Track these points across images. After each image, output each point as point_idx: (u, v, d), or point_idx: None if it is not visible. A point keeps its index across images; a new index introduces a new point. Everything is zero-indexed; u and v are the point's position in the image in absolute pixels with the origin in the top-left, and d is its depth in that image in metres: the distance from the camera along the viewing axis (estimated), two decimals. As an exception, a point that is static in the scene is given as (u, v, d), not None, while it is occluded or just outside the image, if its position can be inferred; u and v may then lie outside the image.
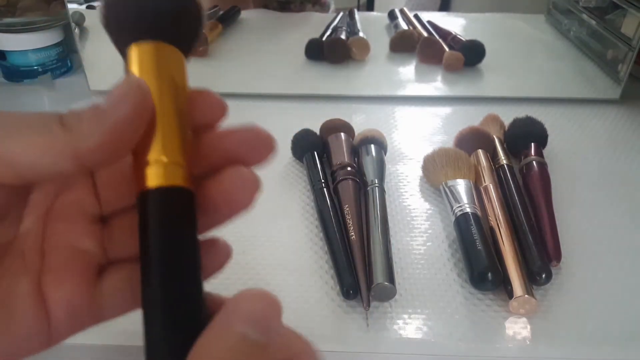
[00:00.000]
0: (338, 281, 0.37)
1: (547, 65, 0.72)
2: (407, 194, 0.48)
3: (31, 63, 0.67)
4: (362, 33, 0.70)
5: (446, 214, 0.45)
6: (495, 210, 0.42)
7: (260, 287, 0.22)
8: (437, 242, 0.42)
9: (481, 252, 0.38)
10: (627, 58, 0.62)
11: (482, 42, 0.69)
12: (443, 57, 0.69)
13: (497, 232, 0.40)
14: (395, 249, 0.41)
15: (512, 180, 0.46)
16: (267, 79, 0.68)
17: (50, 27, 0.67)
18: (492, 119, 0.55)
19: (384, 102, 0.64)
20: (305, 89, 0.66)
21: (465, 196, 0.43)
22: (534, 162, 0.48)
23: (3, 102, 0.64)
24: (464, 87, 0.67)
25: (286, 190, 0.48)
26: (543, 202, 0.44)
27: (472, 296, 0.37)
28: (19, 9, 0.67)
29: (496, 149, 0.50)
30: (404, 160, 0.53)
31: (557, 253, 0.40)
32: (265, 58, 0.71)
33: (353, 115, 0.61)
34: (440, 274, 0.39)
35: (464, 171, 0.45)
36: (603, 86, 0.66)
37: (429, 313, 0.36)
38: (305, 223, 0.44)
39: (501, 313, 0.36)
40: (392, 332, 0.35)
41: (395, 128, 0.59)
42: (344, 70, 0.69)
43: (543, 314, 0.36)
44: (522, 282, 0.36)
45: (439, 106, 0.64)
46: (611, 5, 0.65)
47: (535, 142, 0.50)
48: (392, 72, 0.70)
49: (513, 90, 0.67)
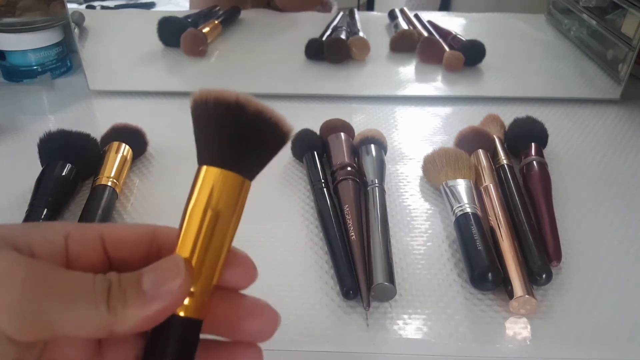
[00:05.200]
0: (338, 281, 0.37)
1: (547, 65, 0.72)
2: (407, 194, 0.48)
3: (31, 63, 0.67)
4: (362, 33, 0.70)
5: (446, 214, 0.45)
6: (495, 210, 0.42)
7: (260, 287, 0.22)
8: (437, 242, 0.42)
9: (481, 252, 0.38)
10: (628, 58, 0.62)
11: (482, 42, 0.69)
12: (443, 57, 0.68)
13: (498, 232, 0.40)
14: (396, 249, 0.41)
15: (513, 180, 0.46)
16: (267, 79, 0.68)
17: (50, 27, 0.67)
18: (493, 119, 0.55)
19: (384, 102, 0.64)
20: (305, 88, 0.66)
21: (465, 196, 0.43)
22: (535, 162, 0.48)
23: (3, 102, 0.64)
24: (464, 87, 0.67)
25: (286, 190, 0.48)
26: (543, 202, 0.44)
27: (473, 296, 0.37)
28: (19, 9, 0.67)
29: (496, 149, 0.50)
30: (404, 160, 0.53)
31: (558, 253, 0.39)
32: (265, 58, 0.71)
33: (353, 115, 0.61)
34: (441, 274, 0.39)
35: (464, 171, 0.45)
36: (603, 86, 0.66)
37: (429, 313, 0.36)
38: (305, 223, 0.44)
39: (501, 313, 0.36)
40: (392, 332, 0.35)
41: (395, 128, 0.59)
42: (344, 70, 0.69)
43: (543, 314, 0.36)
44: (523, 282, 0.36)
45: (439, 106, 0.64)
46: (611, 5, 0.64)
47: (535, 142, 0.50)
48: (392, 72, 0.69)
49: (513, 90, 0.67)
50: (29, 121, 0.60)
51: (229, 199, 0.20)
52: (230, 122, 0.20)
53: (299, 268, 0.40)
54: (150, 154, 0.53)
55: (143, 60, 0.70)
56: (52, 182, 0.44)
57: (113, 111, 0.63)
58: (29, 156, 0.48)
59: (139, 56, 0.71)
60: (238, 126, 0.20)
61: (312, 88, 0.66)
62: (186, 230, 0.20)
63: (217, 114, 0.20)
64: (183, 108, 0.62)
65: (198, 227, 0.20)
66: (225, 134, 0.20)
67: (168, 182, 0.49)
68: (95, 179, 0.45)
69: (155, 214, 0.45)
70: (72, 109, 0.63)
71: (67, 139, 0.47)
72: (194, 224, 0.20)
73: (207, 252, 0.20)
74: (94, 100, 0.65)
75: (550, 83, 0.69)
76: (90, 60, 0.65)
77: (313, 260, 0.40)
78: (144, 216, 0.45)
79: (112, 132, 0.51)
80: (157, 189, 0.48)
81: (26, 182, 0.45)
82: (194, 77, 0.69)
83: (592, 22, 0.68)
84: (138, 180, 0.49)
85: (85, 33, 0.67)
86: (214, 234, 0.20)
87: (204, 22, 0.71)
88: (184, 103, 0.63)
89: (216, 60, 0.70)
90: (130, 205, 0.46)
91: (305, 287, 0.38)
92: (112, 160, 0.47)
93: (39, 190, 0.43)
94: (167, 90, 0.66)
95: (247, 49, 0.72)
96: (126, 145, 0.49)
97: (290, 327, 0.35)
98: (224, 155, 0.20)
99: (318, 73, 0.68)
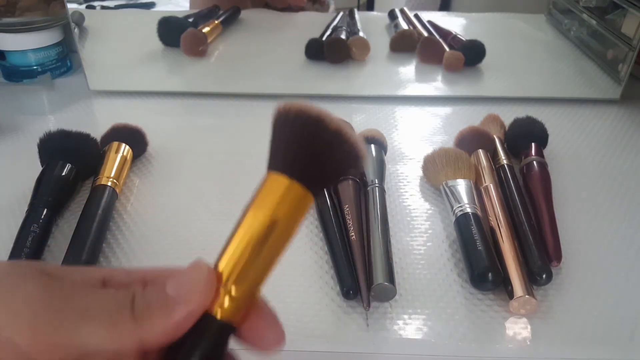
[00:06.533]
0: (338, 281, 0.37)
1: (547, 65, 0.72)
2: (407, 194, 0.48)
3: (31, 63, 0.67)
4: (362, 33, 0.70)
5: (446, 214, 0.45)
6: (495, 210, 0.42)
7: (260, 287, 0.22)
8: (437, 242, 0.42)
9: (481, 252, 0.38)
10: (628, 58, 0.62)
11: (482, 42, 0.69)
12: (443, 57, 0.68)
13: (498, 232, 0.40)
14: (396, 249, 0.41)
15: (513, 180, 0.46)
16: (267, 79, 0.68)
17: (50, 27, 0.67)
18: (493, 119, 0.55)
19: (384, 102, 0.64)
20: (305, 88, 0.66)
21: (465, 196, 0.43)
22: (535, 162, 0.48)
23: (3, 102, 0.64)
24: (464, 87, 0.67)
25: (286, 190, 0.48)
26: (543, 202, 0.44)
27: (473, 296, 0.37)
28: (19, 9, 0.67)
29: (496, 149, 0.50)
30: (404, 160, 0.53)
31: (558, 253, 0.39)
32: (265, 58, 0.71)
33: (353, 115, 0.61)
34: (441, 274, 0.39)
35: (464, 171, 0.45)
36: (603, 86, 0.66)
37: (429, 313, 0.36)
38: (306, 223, 0.44)
39: (501, 313, 0.36)
40: (392, 332, 0.35)
41: (395, 128, 0.59)
42: (344, 70, 0.69)
43: (543, 314, 0.36)
44: (523, 283, 0.36)
45: (439, 106, 0.64)
46: (611, 5, 0.64)
47: (535, 142, 0.50)
48: (392, 72, 0.69)
49: (513, 90, 0.67)
50: (29, 121, 0.60)
51: (291, 209, 0.20)
52: (307, 135, 0.20)
53: (299, 268, 0.40)
54: (150, 154, 0.53)
55: (143, 60, 0.70)
56: (52, 182, 0.44)
57: (113, 111, 0.63)
58: (29, 156, 0.48)
59: (139, 56, 0.71)
60: (314, 140, 0.20)
61: (312, 88, 0.66)
62: (241, 231, 0.20)
63: (295, 124, 0.20)
64: (184, 108, 0.63)
65: (253, 230, 0.20)
66: (300, 146, 0.20)
67: (168, 182, 0.49)
68: (95, 179, 0.45)
69: (155, 214, 0.45)
70: (72, 109, 0.63)
71: (67, 139, 0.47)
72: (249, 226, 0.20)
73: (256, 258, 0.20)
74: (93, 100, 0.65)
75: (551, 83, 0.69)
76: (90, 60, 0.65)
77: (313, 260, 0.40)
78: (143, 216, 0.45)
79: (112, 132, 0.51)
80: (157, 189, 0.48)
81: (26, 182, 0.44)
82: (194, 77, 0.69)
83: (592, 22, 0.68)
84: (138, 181, 0.49)
85: (85, 33, 0.67)
86: (267, 240, 0.20)
87: (204, 22, 0.71)
88: (184, 103, 0.64)
89: (216, 60, 0.70)
90: (130, 205, 0.46)
91: (305, 287, 0.38)
92: (112, 160, 0.47)
93: (38, 190, 0.43)
94: (167, 90, 0.66)
95: (247, 49, 0.72)
96: (126, 145, 0.49)
97: (290, 327, 0.35)
98: (294, 166, 0.20)
99: (318, 73, 0.68)
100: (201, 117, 0.61)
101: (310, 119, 0.20)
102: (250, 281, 0.20)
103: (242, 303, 0.20)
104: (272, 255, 0.20)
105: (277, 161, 0.20)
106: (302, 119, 0.20)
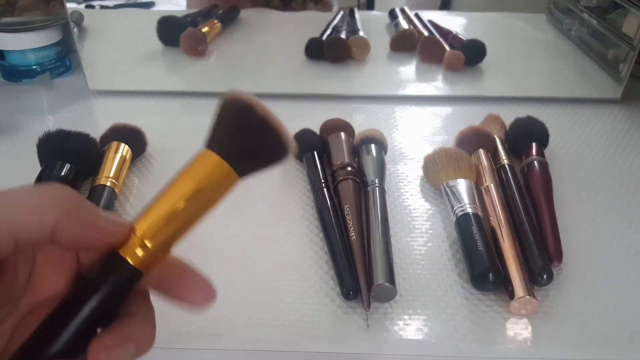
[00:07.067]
0: (338, 282, 0.37)
1: (548, 64, 0.72)
2: (407, 194, 0.48)
3: (30, 63, 0.67)
4: (363, 32, 0.70)
5: (447, 214, 0.45)
6: (496, 210, 0.42)
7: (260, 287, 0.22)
8: (437, 243, 0.42)
9: (482, 252, 0.37)
10: (628, 58, 0.62)
11: (482, 42, 0.69)
12: (444, 57, 0.68)
13: (498, 233, 0.40)
14: (396, 249, 0.41)
15: (513, 180, 0.46)
16: (267, 79, 0.68)
17: (49, 27, 0.67)
18: (493, 118, 0.55)
19: (384, 102, 0.64)
20: (305, 88, 0.66)
21: (466, 196, 0.42)
22: (535, 162, 0.48)
23: (2, 102, 0.64)
24: (465, 86, 0.67)
25: (286, 190, 0.48)
26: (544, 202, 0.43)
27: (473, 297, 0.37)
28: (18, 9, 0.67)
29: (497, 149, 0.50)
30: (405, 160, 0.53)
31: (559, 253, 0.39)
32: (265, 57, 0.71)
33: (353, 115, 0.61)
34: (441, 274, 0.39)
35: (464, 171, 0.45)
36: (604, 86, 0.66)
37: (430, 314, 0.36)
38: (305, 223, 0.44)
39: (502, 314, 0.36)
40: (393, 333, 0.35)
41: (395, 128, 0.59)
42: (344, 69, 0.69)
43: (544, 314, 0.36)
44: (523, 283, 0.35)
45: (439, 106, 0.64)
46: (612, 4, 0.64)
47: (536, 142, 0.50)
48: (393, 72, 0.69)
49: (514, 89, 0.66)
50: (28, 121, 0.60)
51: (215, 183, 0.22)
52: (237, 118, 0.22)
53: (299, 268, 0.39)
54: (150, 154, 0.53)
55: (142, 60, 0.70)
56: (51, 182, 0.44)
57: (112, 111, 0.63)
58: (28, 156, 0.47)
59: (139, 56, 0.71)
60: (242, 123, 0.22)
61: (312, 88, 0.66)
62: (167, 191, 0.22)
63: (229, 108, 0.23)
64: (183, 108, 0.63)
65: (178, 193, 0.22)
66: (232, 129, 0.23)
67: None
68: (95, 179, 0.45)
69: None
70: (71, 109, 0.63)
71: (66, 138, 0.47)
72: (175, 190, 0.22)
73: (174, 220, 0.22)
74: (93, 100, 0.65)
75: (551, 83, 0.69)
76: (89, 59, 0.65)
77: (313, 260, 0.40)
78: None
79: (111, 132, 0.51)
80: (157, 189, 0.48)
81: (25, 182, 0.44)
82: (193, 76, 0.69)
83: (593, 21, 0.68)
84: (137, 180, 0.49)
85: (84, 33, 0.67)
86: (188, 207, 0.22)
87: (203, 22, 0.70)
88: (183, 103, 0.64)
89: (216, 59, 0.70)
90: (129, 205, 0.46)
91: (305, 288, 0.38)
92: (112, 160, 0.47)
93: (38, 190, 0.43)
94: (167, 90, 0.66)
95: (246, 49, 0.72)
96: (125, 145, 0.49)
97: (290, 328, 0.35)
98: (225, 147, 0.22)
99: (318, 73, 0.68)
100: (201, 117, 0.60)
101: (243, 107, 0.22)
102: (164, 239, 0.22)
103: (154, 257, 0.22)
104: (189, 221, 0.22)
105: (212, 140, 0.23)
106: (237, 106, 0.22)
